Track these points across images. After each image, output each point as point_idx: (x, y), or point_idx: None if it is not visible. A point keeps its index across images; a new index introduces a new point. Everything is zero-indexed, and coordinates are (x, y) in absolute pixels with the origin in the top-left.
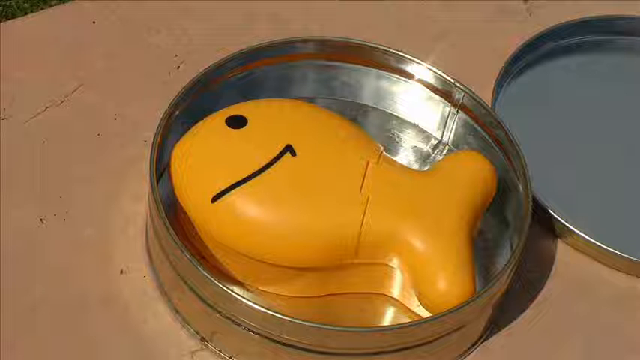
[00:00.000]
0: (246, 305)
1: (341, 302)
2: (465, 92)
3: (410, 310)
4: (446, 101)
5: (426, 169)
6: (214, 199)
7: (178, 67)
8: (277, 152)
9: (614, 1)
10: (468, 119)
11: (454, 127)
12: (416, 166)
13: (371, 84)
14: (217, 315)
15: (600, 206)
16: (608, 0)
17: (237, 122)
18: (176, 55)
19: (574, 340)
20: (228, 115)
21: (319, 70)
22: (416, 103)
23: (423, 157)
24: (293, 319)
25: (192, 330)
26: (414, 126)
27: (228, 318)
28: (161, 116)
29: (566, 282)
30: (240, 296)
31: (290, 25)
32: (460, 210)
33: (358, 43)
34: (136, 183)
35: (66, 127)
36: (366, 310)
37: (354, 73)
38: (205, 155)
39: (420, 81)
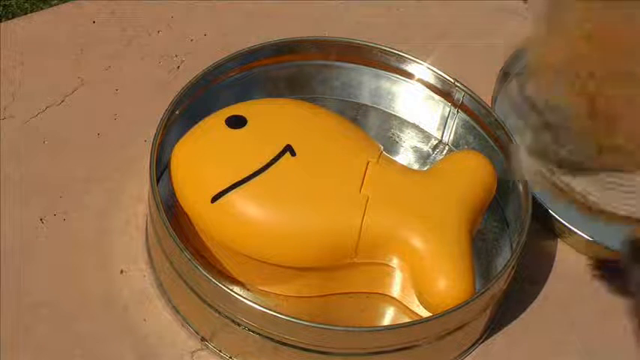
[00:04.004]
0: (246, 305)
1: (341, 302)
2: (465, 92)
3: (410, 310)
4: (446, 101)
5: (425, 169)
6: (214, 199)
7: (178, 67)
8: (277, 152)
9: None
10: (468, 119)
11: (454, 127)
12: (416, 166)
13: (371, 84)
14: (217, 315)
15: None
16: None
17: (237, 122)
18: (176, 55)
19: (574, 340)
20: (228, 115)
21: (319, 70)
22: (416, 103)
23: (423, 157)
24: (293, 319)
25: (192, 330)
26: (414, 126)
27: (228, 318)
28: (161, 116)
29: (566, 282)
30: (240, 296)
31: (290, 25)
32: (460, 210)
33: (358, 43)
34: (136, 183)
35: (66, 127)
36: (366, 310)
37: (354, 73)
38: (205, 155)
39: (420, 81)
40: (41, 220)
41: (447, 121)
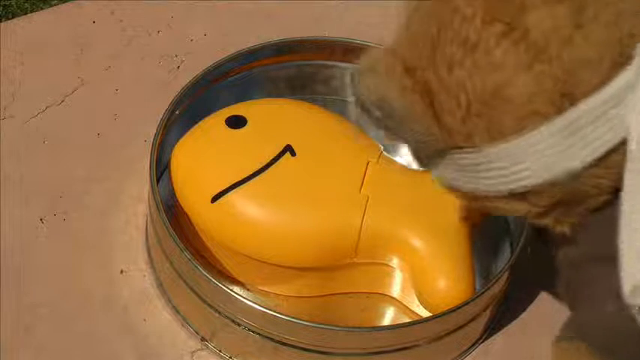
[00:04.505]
0: (246, 305)
1: (341, 302)
2: None
3: (410, 310)
4: None
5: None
6: (214, 199)
7: (178, 67)
8: (277, 152)
9: None
10: None
11: None
12: (416, 166)
13: None
14: (217, 315)
15: None
16: None
17: (237, 122)
18: (176, 55)
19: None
20: (228, 115)
21: (319, 70)
22: None
23: None
24: (293, 319)
25: (192, 330)
26: None
27: (228, 318)
28: (161, 116)
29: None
30: (240, 296)
31: (290, 25)
32: (460, 210)
33: (358, 43)
34: (136, 183)
35: (66, 127)
36: (366, 310)
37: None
38: (205, 155)
39: None
40: (41, 220)
41: None
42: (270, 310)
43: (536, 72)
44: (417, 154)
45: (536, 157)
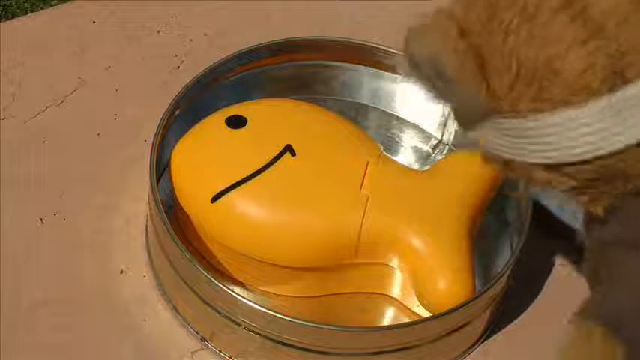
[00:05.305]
0: (247, 305)
1: (341, 302)
2: None
3: (410, 310)
4: None
5: (425, 169)
6: (214, 199)
7: (178, 67)
8: (277, 152)
9: None
10: None
11: (454, 127)
12: (416, 166)
13: (371, 84)
14: (217, 315)
15: None
16: None
17: (237, 122)
18: (176, 55)
19: None
20: (228, 115)
21: (319, 70)
22: (416, 103)
23: (423, 157)
24: (293, 319)
25: (192, 330)
26: (414, 126)
27: (228, 318)
28: (161, 116)
29: (566, 282)
30: (240, 296)
31: (290, 25)
32: (460, 210)
33: (358, 43)
34: (136, 183)
35: (66, 127)
36: (366, 310)
37: (354, 73)
38: (205, 155)
39: None
40: (41, 220)
41: (447, 121)
42: (270, 310)
43: (590, 48)
44: (459, 117)
45: (580, 132)
